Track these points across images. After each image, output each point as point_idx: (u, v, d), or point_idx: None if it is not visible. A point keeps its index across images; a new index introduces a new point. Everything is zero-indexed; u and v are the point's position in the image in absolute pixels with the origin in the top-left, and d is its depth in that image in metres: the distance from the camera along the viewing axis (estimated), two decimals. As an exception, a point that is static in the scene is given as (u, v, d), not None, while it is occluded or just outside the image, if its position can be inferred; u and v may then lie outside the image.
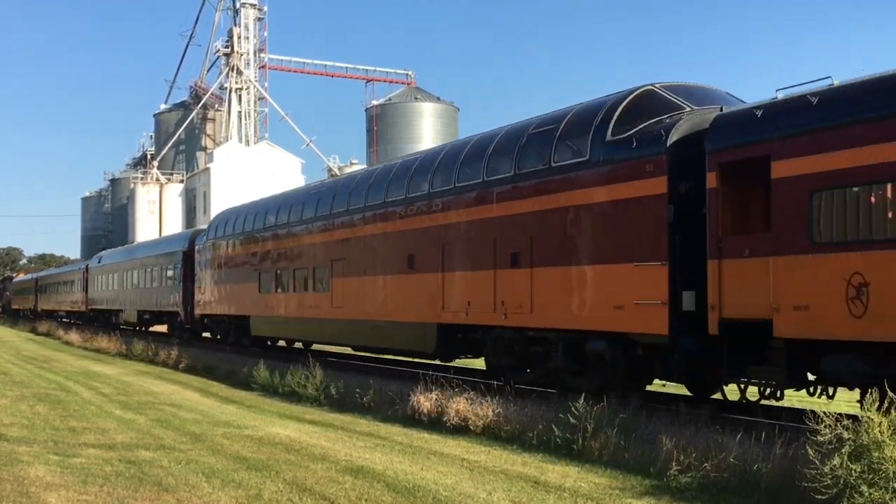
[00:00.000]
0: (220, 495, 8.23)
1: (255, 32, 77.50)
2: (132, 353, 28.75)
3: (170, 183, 76.40)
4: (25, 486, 8.47)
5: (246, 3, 76.59)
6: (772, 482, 7.98)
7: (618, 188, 11.93)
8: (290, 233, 22.33)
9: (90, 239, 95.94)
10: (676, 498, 8.12)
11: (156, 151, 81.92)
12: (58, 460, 9.95)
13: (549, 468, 9.56)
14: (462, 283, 15.16)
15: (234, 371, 20.79)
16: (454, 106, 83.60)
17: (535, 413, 11.46)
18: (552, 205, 13.10)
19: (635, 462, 9.40)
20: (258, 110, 78.63)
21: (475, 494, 8.31)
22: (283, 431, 12.36)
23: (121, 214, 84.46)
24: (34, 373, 23.03)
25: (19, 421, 13.19)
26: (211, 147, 78.22)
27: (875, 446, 7.04)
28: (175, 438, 11.76)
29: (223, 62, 77.93)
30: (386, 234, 17.70)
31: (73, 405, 15.51)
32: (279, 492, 8.39)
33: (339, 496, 8.23)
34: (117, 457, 10.22)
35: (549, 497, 8.22)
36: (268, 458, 10.23)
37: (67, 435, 11.98)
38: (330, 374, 16.65)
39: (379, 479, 8.95)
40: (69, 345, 37.16)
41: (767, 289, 9.97)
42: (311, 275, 20.93)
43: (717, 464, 8.41)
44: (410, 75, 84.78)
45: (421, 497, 8.20)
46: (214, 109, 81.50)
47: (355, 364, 21.61)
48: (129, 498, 8.11)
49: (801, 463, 7.68)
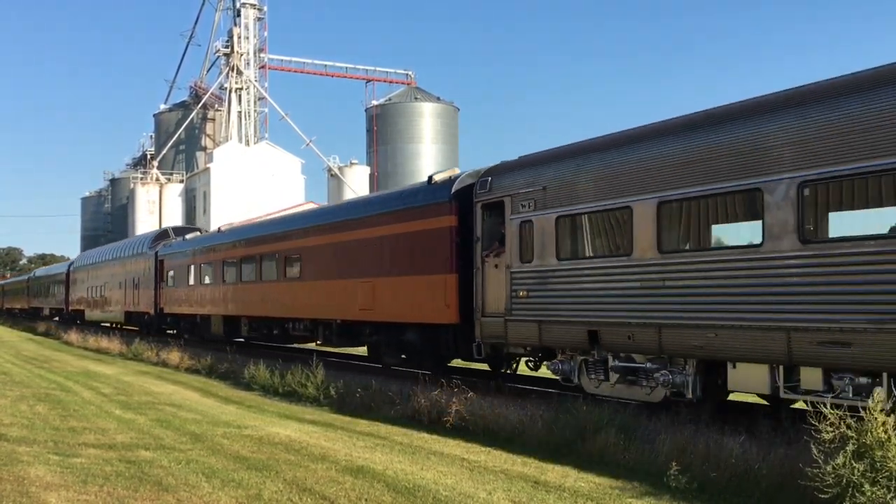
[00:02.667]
0: (220, 495, 8.22)
1: (255, 32, 77.54)
2: (132, 352, 28.75)
3: (170, 183, 76.42)
4: (25, 486, 8.46)
5: (246, 3, 76.62)
6: (772, 482, 7.98)
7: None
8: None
9: (90, 239, 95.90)
10: (676, 498, 8.11)
11: (156, 151, 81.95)
12: (58, 460, 9.95)
13: (549, 468, 9.56)
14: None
15: (234, 371, 20.79)
16: (454, 106, 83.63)
17: (535, 413, 11.46)
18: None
19: (635, 462, 9.39)
20: (258, 110, 78.66)
21: (475, 494, 8.31)
22: (283, 431, 12.35)
23: (121, 214, 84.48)
24: (34, 373, 23.02)
25: (19, 421, 13.19)
26: (211, 147, 78.23)
27: (878, 445, 7.04)
28: (175, 438, 11.76)
29: (223, 62, 77.97)
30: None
31: (73, 405, 15.50)
32: (279, 492, 8.39)
33: (339, 496, 8.23)
34: (117, 457, 10.22)
35: (549, 497, 8.21)
36: (268, 458, 10.23)
37: (67, 435, 11.97)
38: (330, 375, 16.65)
39: (379, 479, 8.94)
40: (69, 345, 37.13)
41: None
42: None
43: (717, 464, 8.41)
44: (410, 75, 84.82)
45: (421, 497, 8.20)
46: (214, 109, 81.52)
47: (355, 364, 21.66)
48: (129, 498, 8.10)
49: (803, 462, 7.67)
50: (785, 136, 9.49)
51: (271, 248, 24.25)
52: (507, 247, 13.96)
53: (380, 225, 18.22)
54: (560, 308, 12.78)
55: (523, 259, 13.57)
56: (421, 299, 16.54)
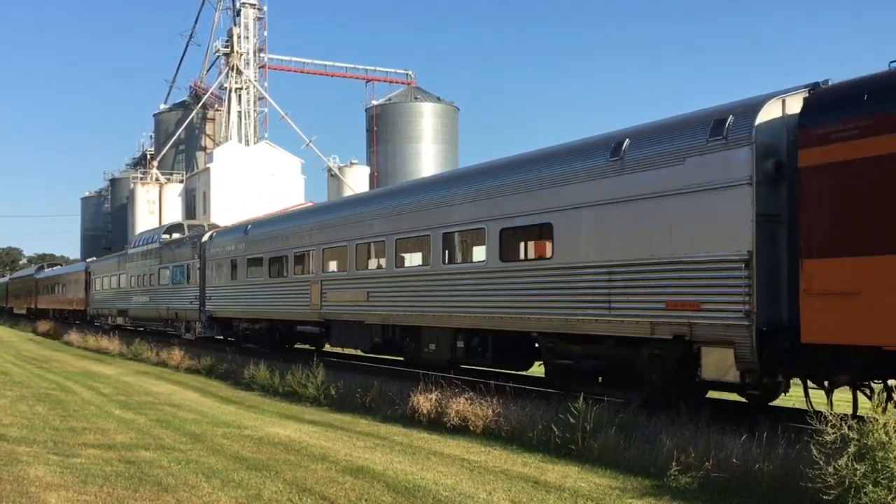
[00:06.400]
0: (220, 495, 8.21)
1: (254, 32, 77.39)
2: (132, 353, 28.74)
3: (169, 183, 76.31)
4: (25, 487, 8.45)
5: (246, 3, 76.48)
6: (773, 482, 7.97)
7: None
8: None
9: (90, 239, 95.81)
10: (677, 498, 8.10)
11: (155, 151, 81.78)
12: (58, 460, 9.93)
13: (549, 468, 9.55)
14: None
15: (233, 371, 20.78)
16: (454, 106, 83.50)
17: (534, 413, 11.45)
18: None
19: (635, 462, 9.38)
20: (258, 110, 78.51)
21: (475, 494, 8.30)
22: (283, 431, 12.34)
23: (120, 214, 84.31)
24: (34, 373, 23.02)
25: (19, 421, 13.17)
26: (211, 147, 78.14)
27: (879, 446, 7.03)
28: (175, 438, 11.75)
29: (223, 62, 77.82)
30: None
31: (73, 405, 15.49)
32: (279, 492, 8.38)
33: (339, 496, 8.22)
34: (117, 457, 10.21)
35: (550, 497, 8.21)
36: (268, 458, 10.22)
37: (67, 435, 11.96)
38: (330, 375, 16.64)
39: (379, 480, 8.93)
40: (69, 345, 37.13)
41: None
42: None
43: (717, 464, 8.40)
44: (410, 75, 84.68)
45: (421, 497, 8.19)
46: (214, 109, 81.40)
47: (355, 364, 21.64)
48: (129, 498, 8.09)
49: (804, 463, 7.66)
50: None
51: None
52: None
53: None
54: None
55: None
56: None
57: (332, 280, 20.13)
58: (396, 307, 17.38)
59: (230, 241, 27.05)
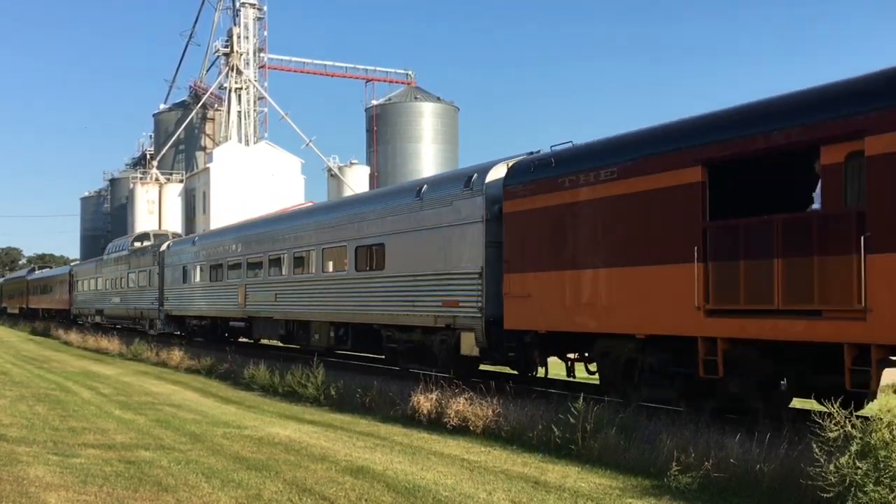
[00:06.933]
0: (220, 495, 8.21)
1: (254, 32, 77.34)
2: (132, 353, 28.74)
3: (169, 183, 76.27)
4: (25, 487, 8.44)
5: (246, 3, 76.42)
6: (773, 482, 7.96)
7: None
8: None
9: (90, 239, 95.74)
10: (677, 498, 8.10)
11: (155, 151, 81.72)
12: (57, 460, 9.93)
13: (549, 468, 9.55)
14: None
15: (233, 371, 20.78)
16: (454, 106, 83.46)
17: (534, 413, 11.45)
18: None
19: (635, 462, 9.38)
20: (258, 110, 78.43)
21: (475, 494, 8.30)
22: (282, 431, 12.34)
23: (120, 214, 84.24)
24: (34, 373, 23.01)
25: (19, 421, 13.17)
26: (210, 147, 78.10)
27: (882, 445, 7.03)
28: (175, 439, 11.74)
29: (223, 62, 77.76)
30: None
31: (73, 405, 15.49)
32: (279, 492, 8.37)
33: (339, 496, 8.21)
34: (117, 457, 10.20)
35: (550, 497, 8.20)
36: (268, 458, 10.21)
37: (67, 435, 11.96)
38: (330, 375, 16.64)
39: (379, 480, 8.93)
40: (69, 345, 37.13)
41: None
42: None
43: (717, 464, 8.39)
44: (410, 75, 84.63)
45: (421, 497, 8.18)
46: (214, 109, 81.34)
47: (355, 364, 21.64)
48: (129, 498, 8.09)
49: (804, 462, 7.66)
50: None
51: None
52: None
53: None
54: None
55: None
56: None
57: (253, 285, 25.05)
58: (294, 306, 22.37)
59: (182, 250, 32.04)
